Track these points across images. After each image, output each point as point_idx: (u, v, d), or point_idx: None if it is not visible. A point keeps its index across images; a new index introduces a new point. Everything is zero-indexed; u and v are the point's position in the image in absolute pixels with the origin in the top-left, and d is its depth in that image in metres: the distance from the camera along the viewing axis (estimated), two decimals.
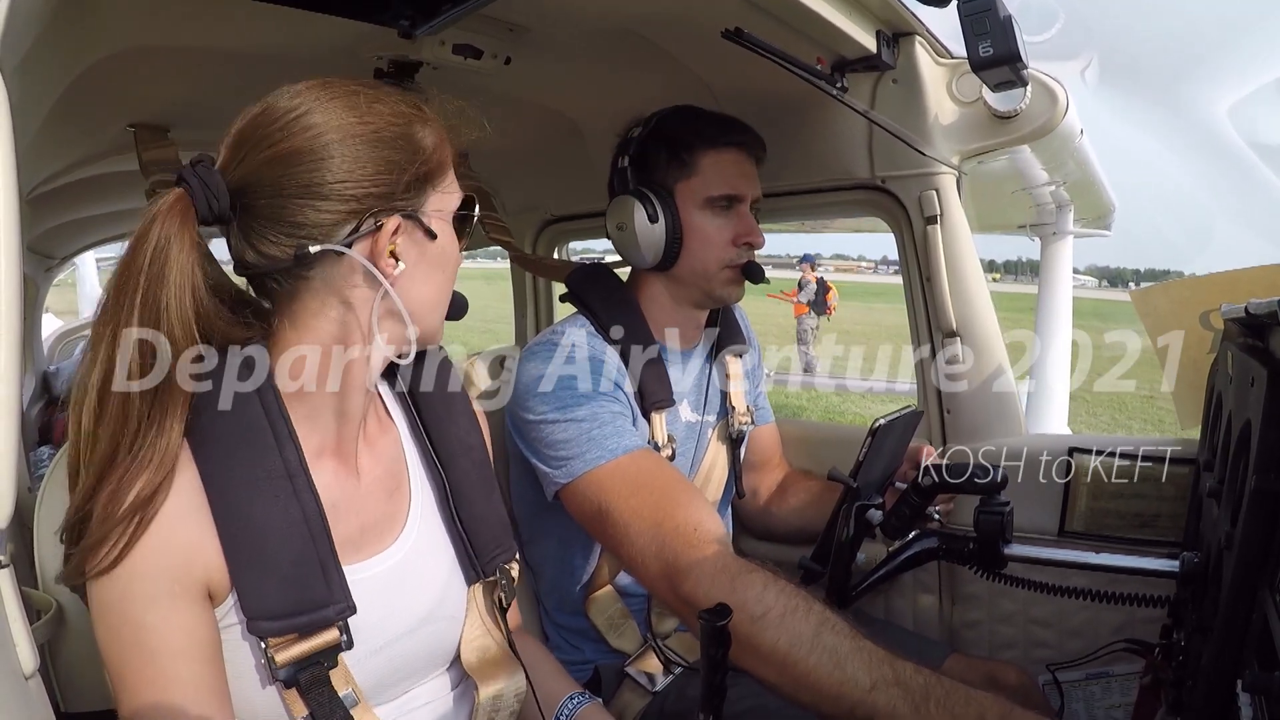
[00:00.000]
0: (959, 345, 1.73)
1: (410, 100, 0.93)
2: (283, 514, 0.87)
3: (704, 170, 1.48)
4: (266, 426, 0.88)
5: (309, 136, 0.86)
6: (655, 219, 1.47)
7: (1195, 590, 1.09)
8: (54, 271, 3.93)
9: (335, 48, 1.28)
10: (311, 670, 0.87)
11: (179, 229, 0.82)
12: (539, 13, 1.34)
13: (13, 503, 0.66)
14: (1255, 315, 0.87)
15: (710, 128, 1.50)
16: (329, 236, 0.87)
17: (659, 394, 1.49)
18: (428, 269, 0.95)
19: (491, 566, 1.07)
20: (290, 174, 0.85)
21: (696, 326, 1.63)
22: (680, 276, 1.54)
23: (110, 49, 1.18)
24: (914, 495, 1.23)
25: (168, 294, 0.81)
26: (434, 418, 1.09)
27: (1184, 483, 1.53)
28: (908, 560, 1.25)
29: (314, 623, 0.87)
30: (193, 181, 0.85)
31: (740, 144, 1.51)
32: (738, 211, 1.51)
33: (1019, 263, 77.42)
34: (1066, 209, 4.83)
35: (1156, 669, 1.31)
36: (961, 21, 1.22)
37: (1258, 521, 0.78)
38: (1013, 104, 1.58)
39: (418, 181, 0.91)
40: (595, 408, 1.38)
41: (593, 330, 1.50)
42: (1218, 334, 1.47)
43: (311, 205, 0.86)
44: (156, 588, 0.81)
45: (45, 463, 3.05)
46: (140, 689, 0.81)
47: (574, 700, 1.18)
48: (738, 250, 1.51)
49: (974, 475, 1.16)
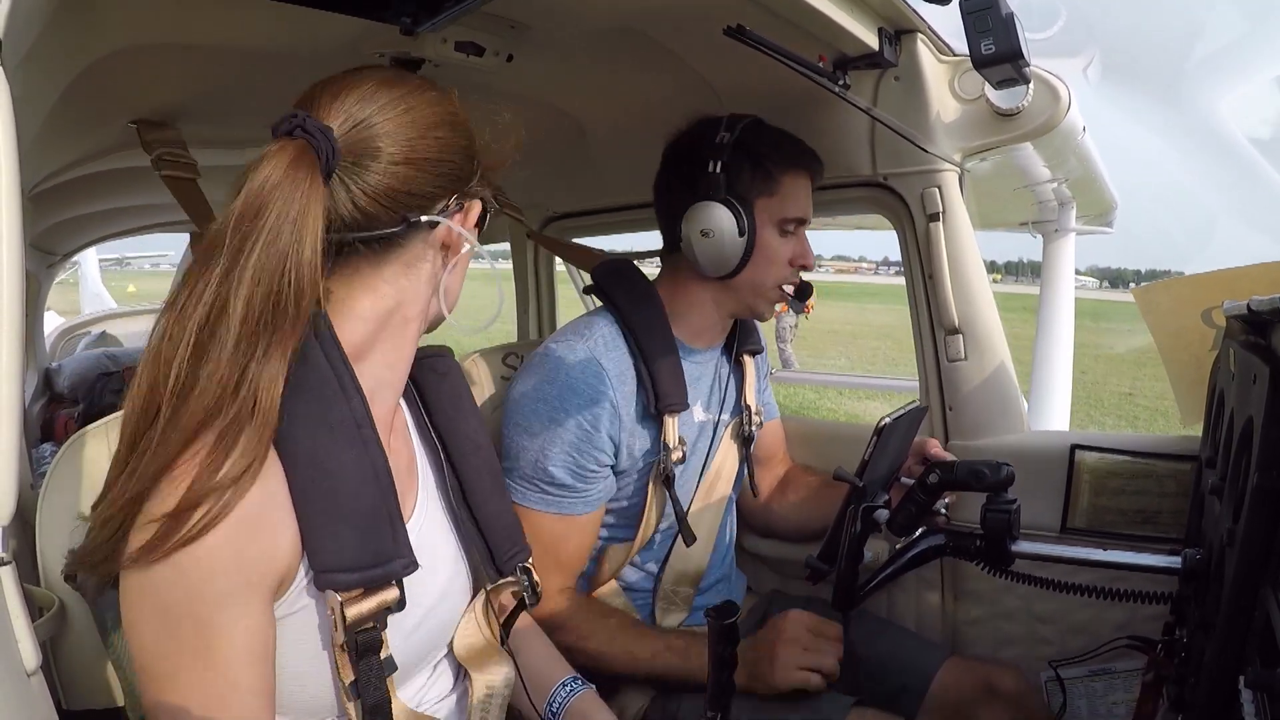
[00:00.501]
0: (961, 342, 1.73)
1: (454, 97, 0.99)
2: (356, 463, 0.86)
3: (784, 190, 1.51)
4: (333, 376, 0.87)
5: (430, 114, 0.91)
6: (744, 232, 1.47)
7: (1197, 587, 1.09)
8: (56, 268, 3.93)
9: (337, 44, 1.27)
10: (368, 633, 0.86)
11: (311, 179, 0.82)
12: (541, 10, 1.34)
13: (15, 500, 0.66)
14: (1257, 312, 0.87)
15: (792, 149, 1.53)
16: (426, 208, 0.92)
17: (673, 397, 1.49)
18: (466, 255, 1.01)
19: (510, 566, 1.08)
20: (411, 143, 0.89)
21: (723, 330, 1.66)
22: (736, 287, 1.55)
23: (112, 46, 1.18)
24: (920, 493, 1.23)
25: (301, 243, 0.80)
26: (444, 416, 1.09)
27: (1186, 480, 1.53)
28: (914, 558, 1.25)
29: (384, 576, 0.86)
30: (316, 134, 0.84)
31: (811, 168, 1.55)
32: (799, 235, 1.55)
33: (1020, 264, 77.40)
34: (1068, 206, 4.82)
35: (1159, 666, 1.31)
36: (963, 19, 1.22)
37: (1260, 518, 0.78)
38: (1015, 101, 1.58)
39: (490, 168, 1.00)
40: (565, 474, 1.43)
41: (616, 334, 1.51)
42: (1220, 331, 1.47)
43: (419, 176, 0.90)
44: (232, 583, 0.76)
45: (47, 460, 3.05)
46: (193, 693, 0.76)
47: (567, 688, 1.18)
48: (792, 271, 1.55)
49: (980, 473, 1.16)
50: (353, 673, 0.86)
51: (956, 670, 1.52)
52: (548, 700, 1.17)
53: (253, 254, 0.78)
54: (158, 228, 3.44)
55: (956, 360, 1.74)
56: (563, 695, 1.18)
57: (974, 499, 1.22)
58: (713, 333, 1.63)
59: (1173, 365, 1.62)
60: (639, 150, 1.66)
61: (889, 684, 1.52)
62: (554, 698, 1.17)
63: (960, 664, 1.54)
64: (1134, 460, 1.58)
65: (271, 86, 1.25)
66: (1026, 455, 1.65)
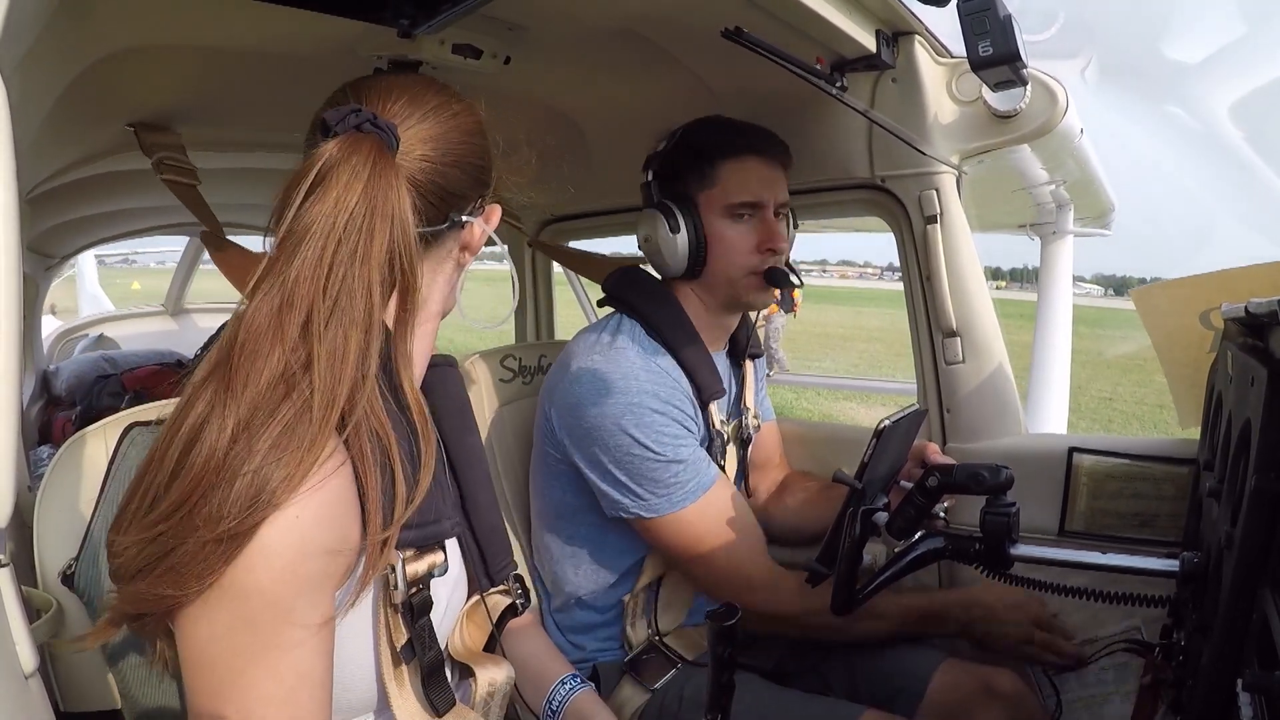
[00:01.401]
0: (959, 345, 1.73)
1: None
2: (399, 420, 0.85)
3: (724, 179, 1.52)
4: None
5: (468, 120, 0.95)
6: (677, 229, 1.52)
7: (1195, 590, 1.09)
8: (54, 271, 3.93)
9: (334, 47, 1.28)
10: (422, 594, 0.87)
11: (394, 170, 0.83)
12: (538, 12, 1.34)
13: (12, 502, 0.66)
14: (1255, 315, 0.87)
15: (729, 136, 1.53)
16: (464, 209, 0.95)
17: (713, 385, 1.54)
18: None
19: (502, 575, 1.10)
20: (456, 146, 0.92)
21: (725, 330, 1.68)
22: (710, 284, 1.58)
23: (110, 48, 1.18)
24: (919, 496, 1.22)
25: (407, 231, 0.83)
26: (448, 425, 1.09)
27: (1184, 482, 1.53)
28: (914, 561, 1.24)
29: (436, 534, 0.89)
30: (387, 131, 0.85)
31: (759, 150, 1.54)
32: (760, 218, 1.54)
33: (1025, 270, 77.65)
34: (1066, 208, 4.83)
35: (1156, 669, 1.30)
36: (961, 21, 1.22)
37: (1258, 521, 0.78)
38: (1012, 103, 1.58)
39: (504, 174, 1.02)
40: (690, 451, 1.45)
41: (644, 334, 1.53)
42: (1218, 333, 1.47)
43: (468, 179, 0.94)
44: (311, 569, 0.73)
45: (45, 462, 3.04)
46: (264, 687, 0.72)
47: (566, 685, 1.19)
48: (761, 256, 1.54)
49: (980, 476, 1.16)
50: (407, 632, 0.86)
51: (953, 672, 1.52)
52: (547, 698, 1.18)
53: (371, 244, 0.79)
54: (155, 230, 3.44)
55: (954, 363, 1.74)
56: (562, 693, 1.18)
57: (972, 502, 1.22)
58: (713, 334, 1.64)
59: (1171, 367, 1.61)
60: (637, 153, 1.67)
61: (887, 686, 1.51)
62: (553, 695, 1.18)
63: (957, 666, 1.53)
64: (1132, 463, 1.58)
65: (268, 89, 1.25)
66: (1024, 458, 1.64)
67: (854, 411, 10.59)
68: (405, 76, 0.95)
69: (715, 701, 1.01)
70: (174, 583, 0.69)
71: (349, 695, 0.87)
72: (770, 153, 1.55)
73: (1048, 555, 1.18)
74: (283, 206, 0.79)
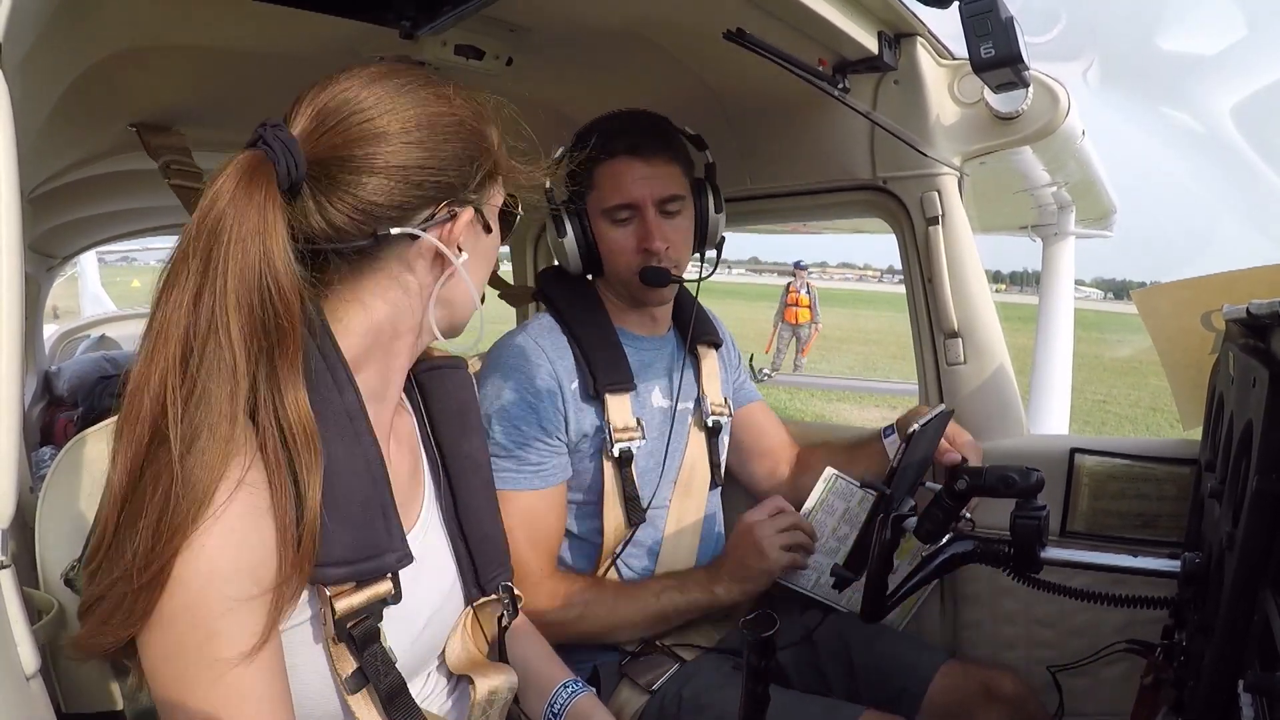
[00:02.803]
0: (960, 346, 1.73)
1: (476, 95, 0.95)
2: (347, 456, 0.85)
3: (599, 183, 1.52)
4: (325, 370, 0.86)
5: (402, 119, 0.86)
6: (563, 233, 1.54)
7: (1197, 591, 1.09)
8: (55, 271, 3.93)
9: (336, 48, 1.28)
10: (366, 624, 0.85)
11: (266, 191, 0.79)
12: (540, 13, 1.35)
13: (14, 503, 0.66)
14: (1257, 316, 0.87)
15: (604, 138, 1.51)
16: (403, 220, 0.87)
17: (613, 377, 1.53)
18: (477, 261, 0.97)
19: (492, 585, 1.08)
20: (378, 153, 0.85)
21: (654, 319, 1.67)
22: (610, 282, 1.61)
23: (111, 49, 1.19)
24: (948, 499, 1.20)
25: (271, 257, 0.78)
26: (445, 431, 1.09)
27: (1185, 483, 1.53)
28: (942, 565, 1.22)
29: (376, 569, 0.85)
30: (274, 145, 0.81)
31: (630, 149, 1.50)
32: (640, 217, 1.52)
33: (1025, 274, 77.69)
34: (1068, 210, 4.83)
35: (1158, 669, 1.30)
36: (963, 23, 1.22)
37: (1259, 522, 0.78)
38: (1014, 105, 1.58)
39: (486, 176, 0.95)
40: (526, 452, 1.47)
41: (553, 324, 1.57)
42: (1219, 335, 1.47)
43: (394, 187, 0.86)
44: (234, 589, 0.74)
45: (47, 463, 3.04)
46: (203, 703, 0.74)
47: (568, 689, 1.18)
48: (640, 257, 1.53)
49: (1010, 479, 1.14)
50: (354, 662, 0.85)
51: (955, 673, 1.52)
52: (549, 701, 1.17)
53: (227, 276, 0.76)
54: (157, 230, 3.45)
55: (956, 364, 1.74)
56: (564, 697, 1.18)
57: (986, 505, 1.21)
58: (642, 321, 1.66)
59: (1172, 369, 1.61)
60: None
61: (888, 687, 1.51)
62: (555, 699, 1.17)
63: (959, 667, 1.53)
64: (1133, 464, 1.58)
65: (270, 90, 1.24)
66: (1026, 459, 1.64)
67: (848, 412, 10.67)
68: (356, 71, 0.88)
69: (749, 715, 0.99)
70: (110, 630, 0.73)
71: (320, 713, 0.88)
72: (646, 150, 1.50)
73: (1076, 558, 1.17)
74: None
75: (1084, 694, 1.60)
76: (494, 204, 0.98)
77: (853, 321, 27.01)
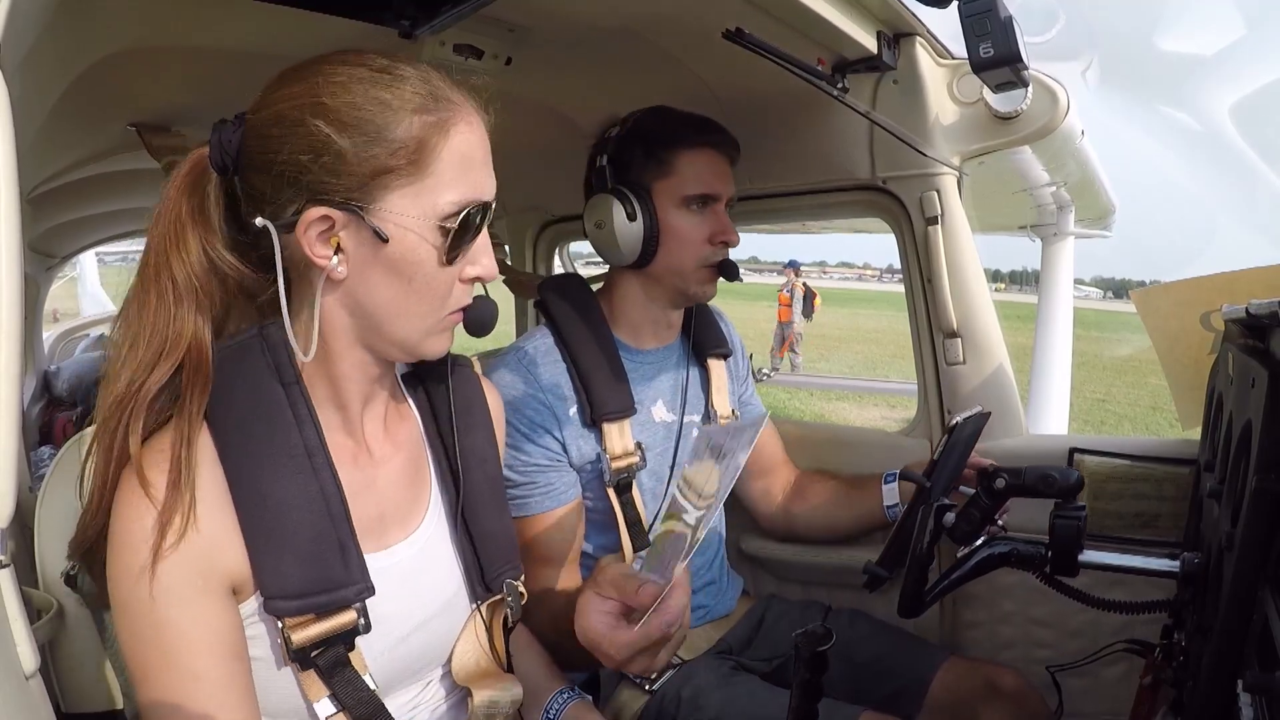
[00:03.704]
0: (960, 346, 1.73)
1: (424, 90, 0.85)
2: (301, 491, 0.86)
3: (680, 169, 1.50)
4: (286, 405, 0.87)
5: (283, 107, 0.83)
6: (634, 217, 1.49)
7: (1196, 591, 1.09)
8: (54, 271, 3.93)
9: (335, 48, 1.27)
10: (331, 652, 0.87)
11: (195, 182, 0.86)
12: (539, 13, 1.34)
13: (13, 502, 0.66)
14: (1256, 316, 0.87)
15: (685, 128, 1.51)
16: (278, 215, 0.84)
17: (611, 405, 1.49)
18: (384, 273, 0.86)
19: (498, 584, 1.06)
20: (262, 142, 0.84)
21: (670, 326, 1.65)
22: (656, 274, 1.56)
23: (111, 48, 1.18)
24: (985, 498, 1.18)
25: (183, 253, 0.86)
26: (449, 427, 1.07)
27: (1184, 483, 1.54)
28: (979, 565, 1.18)
29: (332, 603, 0.86)
30: (213, 139, 0.86)
31: (715, 144, 1.52)
32: (713, 210, 1.53)
33: (1024, 273, 77.77)
34: (1067, 210, 4.84)
35: (1157, 669, 1.30)
36: (962, 22, 1.22)
37: (1258, 522, 0.78)
38: (1013, 105, 1.58)
39: (376, 175, 0.82)
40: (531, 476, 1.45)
41: (551, 345, 1.52)
42: (1218, 335, 1.47)
43: (265, 178, 0.84)
44: (185, 583, 0.80)
45: (46, 463, 3.05)
46: (160, 687, 0.80)
47: (564, 695, 1.18)
48: (713, 249, 1.53)
49: (1050, 478, 1.11)
50: (325, 688, 0.87)
51: (956, 671, 1.52)
52: (545, 708, 1.17)
53: (151, 252, 0.86)
54: None
55: (955, 364, 1.74)
56: (559, 703, 1.17)
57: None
58: (657, 329, 1.63)
59: (1171, 369, 1.61)
60: None
61: (888, 686, 1.52)
62: (550, 705, 1.17)
63: (960, 664, 1.53)
64: (1133, 464, 1.58)
65: None
66: (1025, 458, 1.64)
67: (847, 411, 10.69)
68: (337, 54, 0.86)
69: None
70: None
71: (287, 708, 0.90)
72: (724, 147, 1.54)
73: (1114, 561, 1.15)
74: None
75: (1083, 694, 1.60)
76: (403, 211, 0.84)
77: (852, 320, 27.08)
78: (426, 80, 0.86)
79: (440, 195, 0.85)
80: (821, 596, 1.85)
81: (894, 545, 1.29)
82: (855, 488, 1.70)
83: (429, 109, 0.84)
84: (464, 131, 0.87)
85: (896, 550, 1.27)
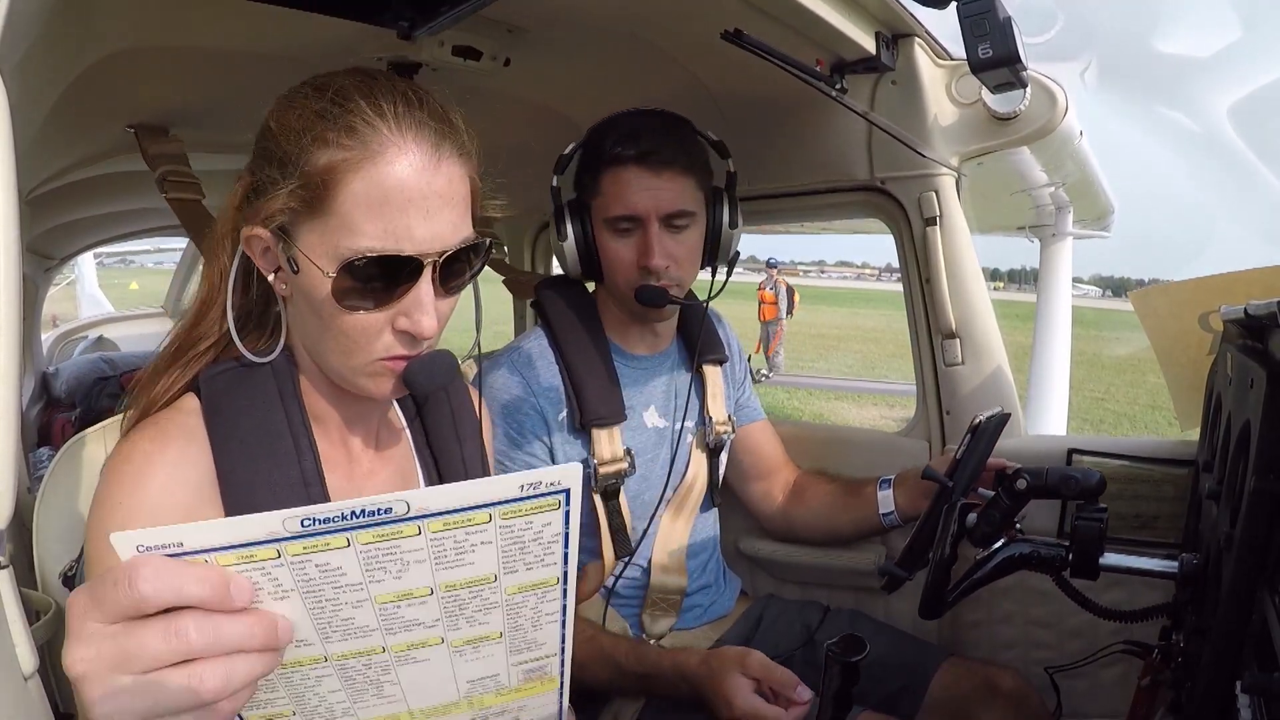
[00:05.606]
0: (958, 346, 1.73)
1: (347, 123, 0.79)
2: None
3: (604, 190, 1.44)
4: (288, 435, 0.88)
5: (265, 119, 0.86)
6: (564, 236, 1.48)
7: (1194, 591, 1.09)
8: (53, 272, 3.93)
9: (334, 49, 1.27)
10: None
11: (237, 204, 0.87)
12: (538, 14, 1.34)
13: (12, 503, 0.66)
14: (1254, 317, 0.87)
15: (610, 143, 1.42)
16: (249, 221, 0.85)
17: (601, 411, 1.48)
18: (303, 304, 0.86)
19: None
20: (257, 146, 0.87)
21: (656, 335, 1.61)
22: (610, 291, 1.54)
23: (109, 49, 1.18)
24: (1005, 499, 1.17)
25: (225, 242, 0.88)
26: (438, 438, 1.07)
27: (1183, 484, 1.54)
28: (999, 567, 1.17)
29: None
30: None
31: (641, 159, 1.40)
32: (643, 230, 1.44)
33: (1023, 271, 77.85)
34: (1066, 210, 4.84)
35: (1155, 670, 1.30)
36: (961, 23, 1.22)
37: (1257, 522, 0.78)
38: (1012, 105, 1.58)
39: (301, 205, 0.80)
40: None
41: (545, 347, 1.52)
42: (1217, 335, 1.47)
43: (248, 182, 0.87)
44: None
45: (45, 463, 3.04)
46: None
47: None
48: (639, 273, 1.45)
49: (1072, 479, 1.11)
50: None
51: (956, 670, 1.51)
52: None
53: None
54: (156, 231, 3.45)
55: (954, 365, 1.74)
56: None
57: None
58: (643, 336, 1.60)
59: (1170, 369, 1.62)
60: None
61: (888, 685, 1.51)
62: None
63: (959, 664, 1.53)
64: (1131, 465, 1.58)
65: (269, 91, 1.24)
66: (1024, 459, 1.63)
67: (846, 411, 10.68)
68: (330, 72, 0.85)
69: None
70: None
71: None
72: (656, 160, 1.40)
73: (1133, 565, 1.14)
74: None
75: (1082, 695, 1.60)
76: (316, 245, 0.80)
77: (851, 320, 27.07)
78: (360, 111, 0.79)
79: (343, 238, 0.79)
80: (820, 596, 1.85)
81: (916, 545, 1.27)
82: (853, 494, 1.69)
83: (341, 143, 0.78)
84: (382, 172, 0.78)
85: (917, 551, 1.25)
